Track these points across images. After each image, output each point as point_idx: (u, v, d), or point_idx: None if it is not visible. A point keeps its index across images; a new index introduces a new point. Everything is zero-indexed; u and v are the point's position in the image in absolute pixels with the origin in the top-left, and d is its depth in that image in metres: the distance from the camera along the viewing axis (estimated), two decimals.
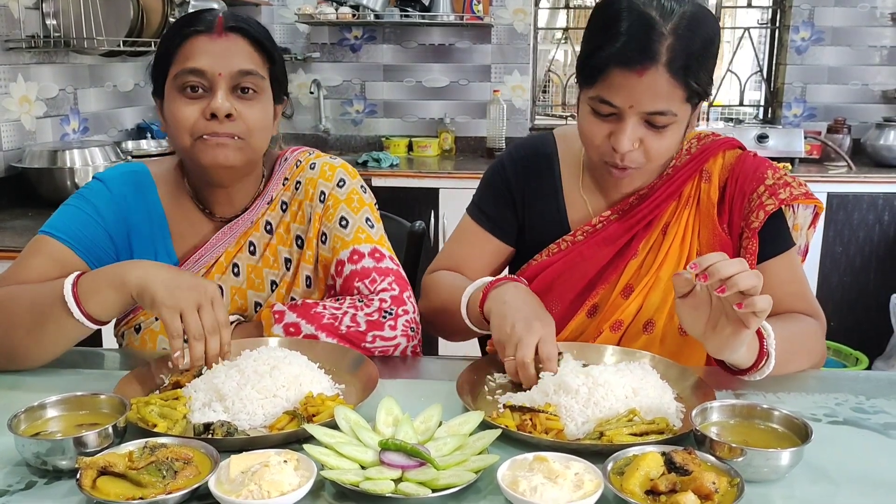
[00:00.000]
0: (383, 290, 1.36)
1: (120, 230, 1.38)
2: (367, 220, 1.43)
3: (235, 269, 1.42)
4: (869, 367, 3.27)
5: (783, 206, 1.35)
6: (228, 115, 1.27)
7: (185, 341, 1.13)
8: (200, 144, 1.29)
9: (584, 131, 1.31)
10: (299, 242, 1.44)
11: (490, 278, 1.33)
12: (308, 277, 1.44)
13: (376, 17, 3.81)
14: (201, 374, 1.14)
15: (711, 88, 1.30)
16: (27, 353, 1.20)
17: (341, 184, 1.43)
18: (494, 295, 1.26)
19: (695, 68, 1.22)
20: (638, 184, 1.39)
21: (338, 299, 1.37)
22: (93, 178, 1.42)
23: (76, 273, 1.19)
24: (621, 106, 1.23)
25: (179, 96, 1.29)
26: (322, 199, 1.43)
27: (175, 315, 1.11)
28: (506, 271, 1.54)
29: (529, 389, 1.12)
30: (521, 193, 1.48)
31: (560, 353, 1.19)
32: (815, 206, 1.39)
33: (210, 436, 0.98)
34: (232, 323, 1.37)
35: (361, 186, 1.46)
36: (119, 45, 2.88)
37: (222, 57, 1.28)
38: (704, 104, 1.36)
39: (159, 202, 1.42)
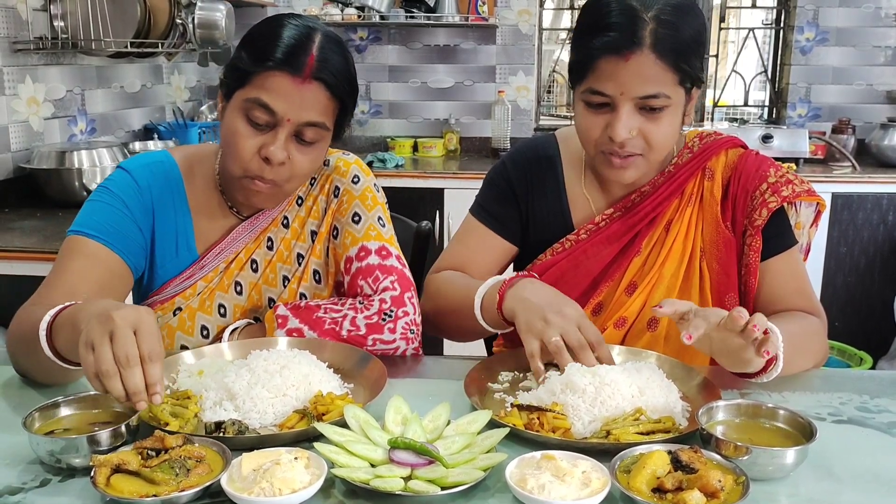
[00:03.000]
0: (385, 289, 1.37)
1: (147, 221, 1.37)
2: (380, 218, 1.44)
3: (254, 265, 1.43)
4: (873, 367, 3.27)
5: (786, 205, 1.37)
6: (281, 162, 1.27)
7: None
8: (245, 181, 1.29)
9: (580, 127, 1.33)
10: (313, 237, 1.45)
11: (501, 277, 1.33)
12: (316, 272, 1.45)
13: (381, 18, 3.82)
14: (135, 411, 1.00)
15: (703, 74, 1.31)
16: (37, 376, 1.19)
17: (356, 180, 1.45)
18: (512, 294, 1.26)
19: (682, 51, 1.24)
20: (638, 176, 1.37)
21: (339, 300, 1.38)
22: (117, 167, 1.39)
23: (57, 308, 1.09)
24: (612, 94, 1.25)
25: (242, 120, 1.26)
26: (336, 193, 1.45)
27: (87, 350, 0.96)
28: (510, 270, 1.55)
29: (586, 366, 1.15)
30: (523, 193, 1.49)
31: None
32: (818, 204, 1.40)
33: (221, 434, 0.99)
34: (238, 328, 1.38)
35: (374, 184, 1.47)
36: (126, 47, 2.89)
37: (297, 105, 1.23)
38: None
39: (185, 194, 1.40)
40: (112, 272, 1.30)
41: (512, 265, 1.57)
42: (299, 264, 1.44)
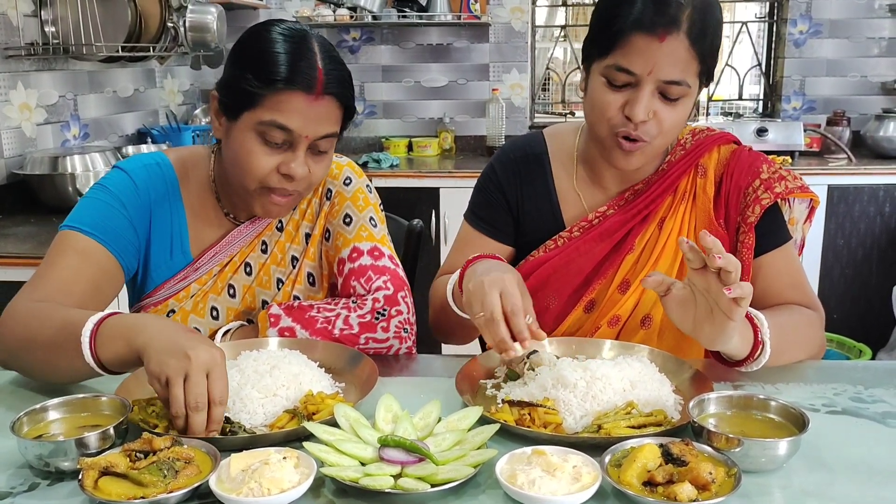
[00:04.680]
0: (378, 288, 1.36)
1: (143, 222, 1.35)
2: (371, 219, 1.43)
3: (248, 268, 1.43)
4: (873, 359, 3.26)
5: (779, 200, 1.35)
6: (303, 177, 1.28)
7: None
8: (264, 194, 1.29)
9: (596, 103, 1.29)
10: (306, 240, 1.45)
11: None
12: (310, 275, 1.45)
13: (374, 18, 3.82)
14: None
15: (714, 73, 1.31)
16: (43, 373, 1.17)
17: (347, 182, 1.45)
18: (468, 273, 1.25)
19: (709, 43, 1.24)
20: (641, 165, 1.35)
21: (333, 300, 1.38)
22: (114, 167, 1.38)
23: (100, 316, 1.10)
24: (640, 72, 1.22)
25: (258, 142, 1.24)
26: (328, 196, 1.44)
27: (161, 385, 1.00)
28: None
29: (501, 353, 1.10)
30: (513, 195, 1.48)
31: (535, 351, 1.18)
32: (811, 199, 1.39)
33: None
34: (230, 331, 1.38)
35: (367, 186, 1.47)
36: (118, 51, 2.89)
37: (314, 121, 1.24)
38: (702, 99, 1.36)
39: (180, 197, 1.40)
40: (104, 270, 1.29)
41: None
42: (293, 267, 1.44)
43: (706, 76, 1.28)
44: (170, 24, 3.02)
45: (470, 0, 3.84)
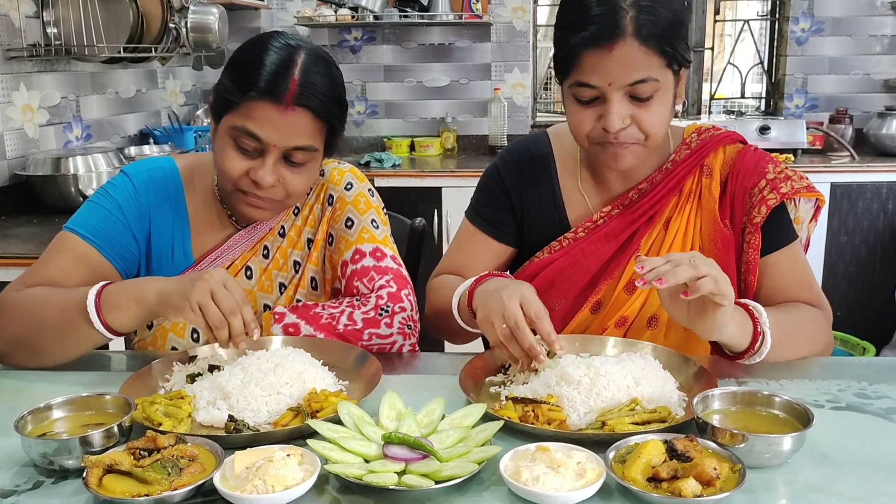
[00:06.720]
0: (381, 286, 1.37)
1: (142, 226, 1.39)
2: (373, 221, 1.44)
3: (248, 273, 1.43)
4: (877, 357, 3.25)
5: (785, 200, 1.35)
6: (271, 185, 1.29)
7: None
8: (239, 195, 1.32)
9: (572, 122, 1.31)
10: (309, 245, 1.46)
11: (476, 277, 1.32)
12: (313, 279, 1.45)
13: (375, 18, 3.82)
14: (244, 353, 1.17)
15: (690, 54, 1.30)
16: (53, 353, 1.24)
17: (349, 187, 1.46)
18: (479, 291, 1.26)
19: (664, 34, 1.22)
20: (637, 163, 1.35)
21: (337, 300, 1.38)
22: (120, 171, 1.43)
23: (100, 284, 1.20)
24: (600, 85, 1.23)
25: (230, 146, 1.28)
26: (330, 202, 1.46)
27: (196, 313, 1.12)
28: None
29: (531, 370, 1.13)
30: (518, 195, 1.47)
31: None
32: (817, 199, 1.38)
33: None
34: None
35: (369, 190, 1.48)
36: (120, 52, 2.89)
37: (282, 131, 1.25)
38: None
39: (184, 201, 1.43)
40: (97, 274, 1.32)
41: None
42: (296, 271, 1.45)
43: (677, 62, 1.26)
44: (171, 25, 3.02)
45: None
